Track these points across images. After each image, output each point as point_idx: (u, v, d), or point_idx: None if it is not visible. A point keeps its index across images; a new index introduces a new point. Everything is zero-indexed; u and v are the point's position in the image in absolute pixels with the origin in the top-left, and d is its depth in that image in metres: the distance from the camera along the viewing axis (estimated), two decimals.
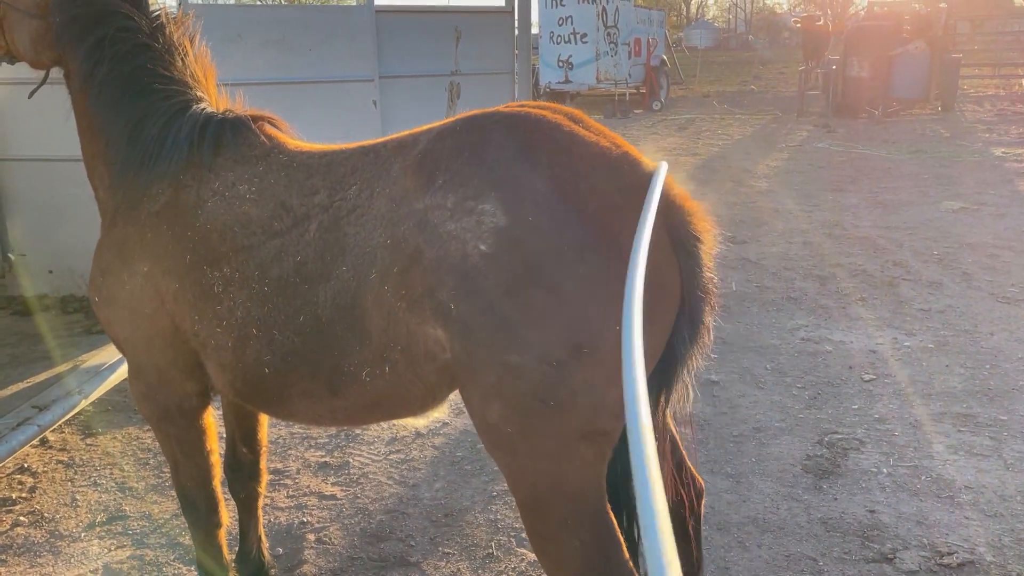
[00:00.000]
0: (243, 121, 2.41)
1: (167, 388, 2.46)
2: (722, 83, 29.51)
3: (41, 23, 2.57)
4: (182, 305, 2.28)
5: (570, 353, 1.80)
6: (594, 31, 20.85)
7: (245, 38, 4.87)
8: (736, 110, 21.23)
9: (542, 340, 1.80)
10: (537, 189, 1.84)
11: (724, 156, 13.87)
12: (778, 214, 9.28)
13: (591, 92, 21.91)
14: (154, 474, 3.93)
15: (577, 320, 1.80)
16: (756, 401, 4.55)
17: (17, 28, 2.63)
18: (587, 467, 1.94)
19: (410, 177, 1.99)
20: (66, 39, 2.51)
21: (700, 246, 1.95)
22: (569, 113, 2.06)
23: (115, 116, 2.47)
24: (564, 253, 1.79)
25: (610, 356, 1.82)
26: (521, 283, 1.80)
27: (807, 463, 3.88)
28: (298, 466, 3.99)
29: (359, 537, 3.41)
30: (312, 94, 5.21)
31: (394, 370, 2.06)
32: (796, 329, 5.65)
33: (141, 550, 3.35)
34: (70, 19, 2.48)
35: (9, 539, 3.42)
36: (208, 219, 2.26)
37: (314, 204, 2.13)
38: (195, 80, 2.55)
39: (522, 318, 1.80)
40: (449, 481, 3.82)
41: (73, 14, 2.48)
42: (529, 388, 1.83)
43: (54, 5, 2.51)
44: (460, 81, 5.78)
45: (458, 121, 2.04)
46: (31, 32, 2.61)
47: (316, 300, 2.09)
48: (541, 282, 1.79)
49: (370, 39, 5.32)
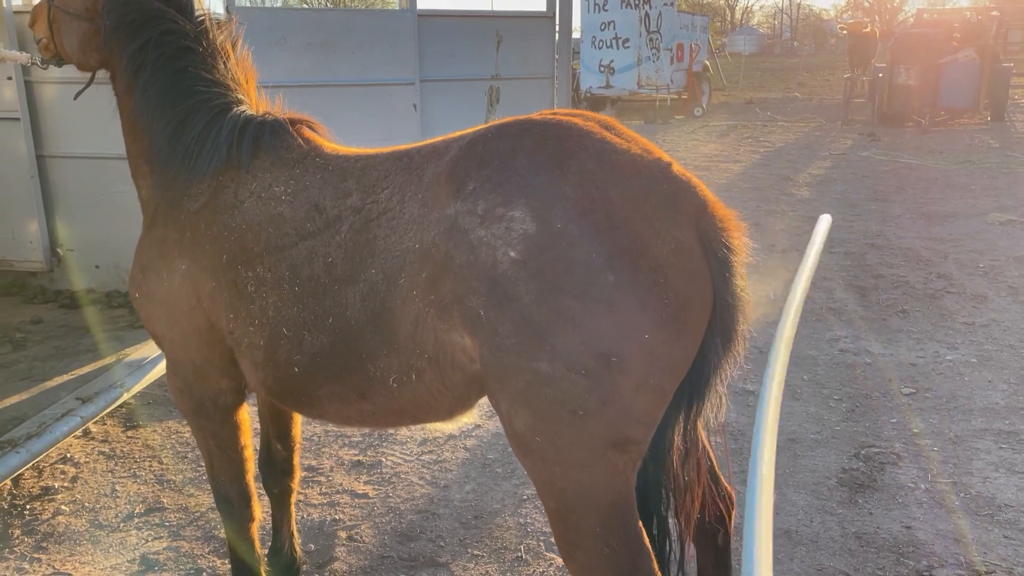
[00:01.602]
0: (281, 124, 2.45)
1: (203, 384, 2.51)
2: (765, 90, 29.21)
3: (90, 26, 2.65)
4: (218, 303, 2.33)
5: (599, 362, 1.80)
6: (636, 36, 20.79)
7: (289, 41, 4.95)
8: (779, 117, 21.00)
9: (571, 348, 1.80)
10: (567, 196, 1.84)
11: (766, 164, 13.73)
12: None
13: (632, 97, 21.83)
14: (191, 468, 4.00)
15: (606, 328, 1.79)
16: (792, 412, 4.49)
17: (66, 31, 2.72)
18: (617, 475, 1.93)
19: (442, 183, 2.01)
20: (113, 42, 2.58)
21: (732, 254, 1.93)
22: (601, 120, 2.06)
23: (158, 117, 2.53)
24: (593, 261, 1.79)
25: (640, 365, 1.82)
26: (550, 290, 1.80)
27: (842, 476, 3.82)
28: (331, 464, 4.04)
29: (390, 536, 3.44)
30: (354, 97, 5.27)
31: (421, 378, 2.07)
32: (835, 340, 5.57)
33: (177, 542, 3.42)
34: (117, 23, 2.55)
35: (51, 527, 3.52)
36: (244, 219, 2.30)
37: (346, 206, 2.16)
38: (236, 83, 2.60)
39: (551, 326, 1.80)
40: (480, 483, 3.84)
41: (120, 18, 2.54)
42: (557, 396, 1.84)
43: (103, 8, 2.58)
44: (500, 85, 5.81)
45: (490, 128, 2.05)
46: (80, 35, 2.69)
47: (345, 302, 2.11)
48: (570, 290, 1.79)
49: (412, 43, 5.37)
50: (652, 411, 1.91)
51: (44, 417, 3.51)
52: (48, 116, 5.04)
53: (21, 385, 3.92)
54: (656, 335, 1.81)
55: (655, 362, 1.84)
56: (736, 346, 2.00)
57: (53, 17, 2.75)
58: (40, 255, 5.17)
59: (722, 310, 1.94)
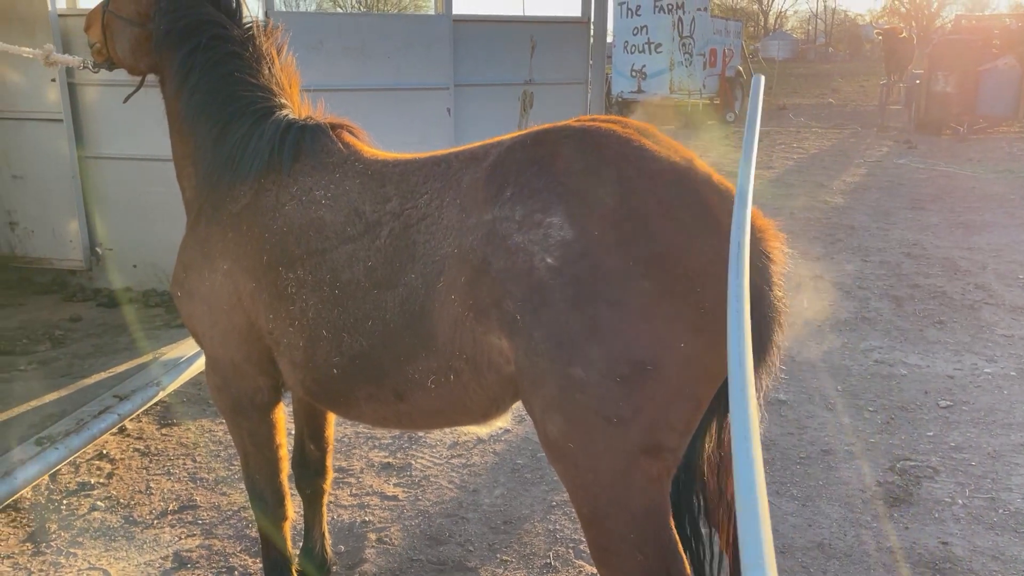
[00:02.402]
0: (322, 128, 2.48)
1: (241, 382, 2.54)
2: (799, 95, 28.93)
3: (142, 31, 2.71)
4: (258, 304, 2.36)
5: (633, 369, 1.79)
6: (669, 41, 20.68)
7: (326, 45, 4.99)
8: (813, 123, 20.79)
9: (605, 355, 1.79)
10: (605, 203, 1.84)
11: (799, 170, 13.59)
12: (853, 231, 9.05)
13: (663, 102, 21.70)
14: (224, 466, 4.05)
15: (641, 336, 1.79)
16: (825, 423, 4.44)
17: (119, 35, 2.79)
18: (651, 483, 1.92)
19: (480, 188, 2.02)
20: (164, 46, 2.64)
21: (770, 264, 1.91)
22: (640, 128, 2.05)
23: (203, 120, 2.58)
24: (630, 268, 1.79)
25: (675, 373, 1.81)
26: (586, 297, 1.80)
27: (877, 489, 3.77)
28: (362, 465, 4.06)
29: (419, 539, 3.45)
30: (389, 101, 5.30)
31: (459, 379, 2.08)
32: (869, 350, 5.49)
33: (209, 540, 3.46)
34: (168, 28, 2.61)
35: (87, 523, 3.57)
36: (285, 222, 2.33)
37: (386, 211, 2.17)
38: (280, 87, 2.64)
39: (586, 332, 1.80)
40: (509, 488, 3.84)
41: (171, 23, 2.60)
42: (591, 403, 1.83)
43: (155, 14, 2.64)
44: (533, 90, 5.81)
45: (529, 134, 2.06)
46: (132, 39, 2.76)
47: (384, 305, 2.12)
48: (606, 297, 1.79)
49: (447, 48, 5.39)
50: (687, 419, 1.90)
51: (82, 414, 3.57)
52: (89, 118, 5.13)
53: (60, 382, 3.98)
54: (691, 344, 1.80)
55: (690, 371, 1.83)
56: (772, 357, 1.98)
57: (107, 22, 2.83)
58: (80, 254, 5.26)
59: (759, 320, 1.92)
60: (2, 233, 5.48)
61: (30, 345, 4.42)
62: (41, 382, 4.00)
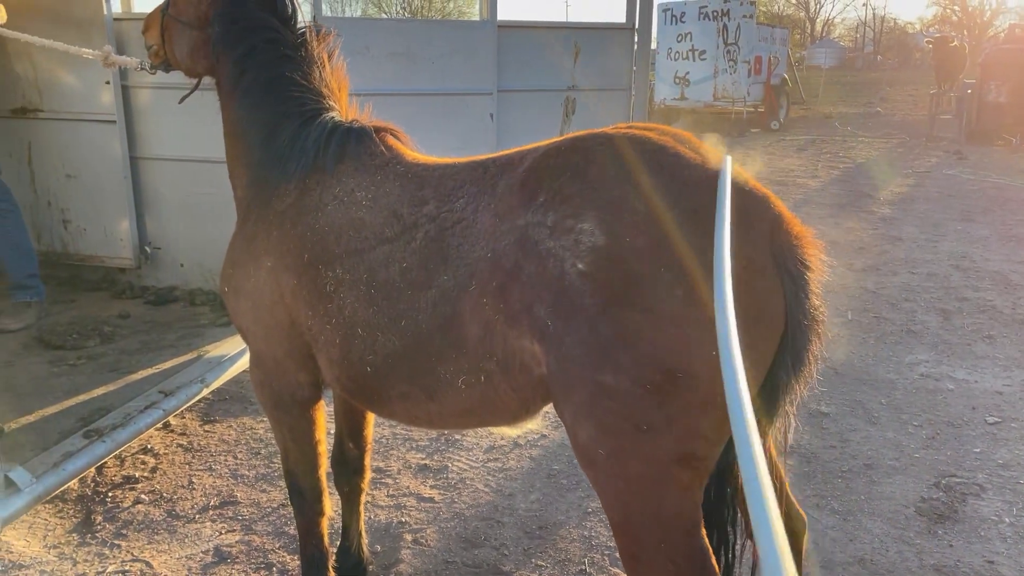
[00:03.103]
0: (367, 131, 2.52)
1: (282, 377, 2.59)
2: (846, 104, 28.50)
3: (200, 34, 2.79)
4: (298, 301, 2.40)
5: (664, 377, 1.79)
6: (713, 48, 20.54)
7: (372, 50, 5.05)
8: (860, 132, 20.46)
9: (636, 362, 1.79)
10: (637, 210, 1.83)
11: (845, 180, 13.38)
12: (900, 242, 8.88)
13: (707, 109, 21.57)
14: (264, 464, 4.10)
15: (672, 344, 1.78)
16: (868, 436, 4.36)
17: (177, 38, 2.88)
18: (683, 491, 1.91)
19: (514, 194, 2.03)
20: (220, 49, 2.71)
21: (807, 273, 1.89)
22: (676, 135, 2.04)
23: (254, 121, 2.65)
24: (661, 275, 1.78)
25: (707, 382, 1.79)
26: (617, 303, 1.80)
27: (921, 506, 3.69)
28: (399, 466, 4.09)
29: (454, 541, 3.46)
30: (432, 106, 5.34)
31: (489, 380, 2.10)
32: (915, 364, 5.38)
33: (249, 536, 3.51)
34: (224, 30, 2.68)
35: (131, 515, 3.65)
36: (326, 222, 2.37)
37: (423, 214, 2.20)
38: (329, 91, 2.69)
39: (616, 339, 1.80)
40: (545, 494, 3.83)
41: (227, 26, 2.68)
42: (621, 410, 1.83)
43: (213, 18, 2.71)
44: (576, 96, 5.81)
45: (564, 141, 2.07)
46: (190, 42, 2.83)
47: (418, 306, 2.15)
48: (637, 303, 1.78)
49: (491, 53, 5.41)
50: (719, 428, 1.89)
51: (129, 408, 3.63)
52: (141, 119, 5.24)
53: (108, 377, 4.07)
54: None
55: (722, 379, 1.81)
56: (807, 367, 1.95)
57: (166, 25, 2.91)
58: (129, 252, 5.37)
59: (794, 330, 1.89)
60: (55, 231, 5.63)
61: (80, 340, 4.53)
62: (90, 376, 4.09)
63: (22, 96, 5.45)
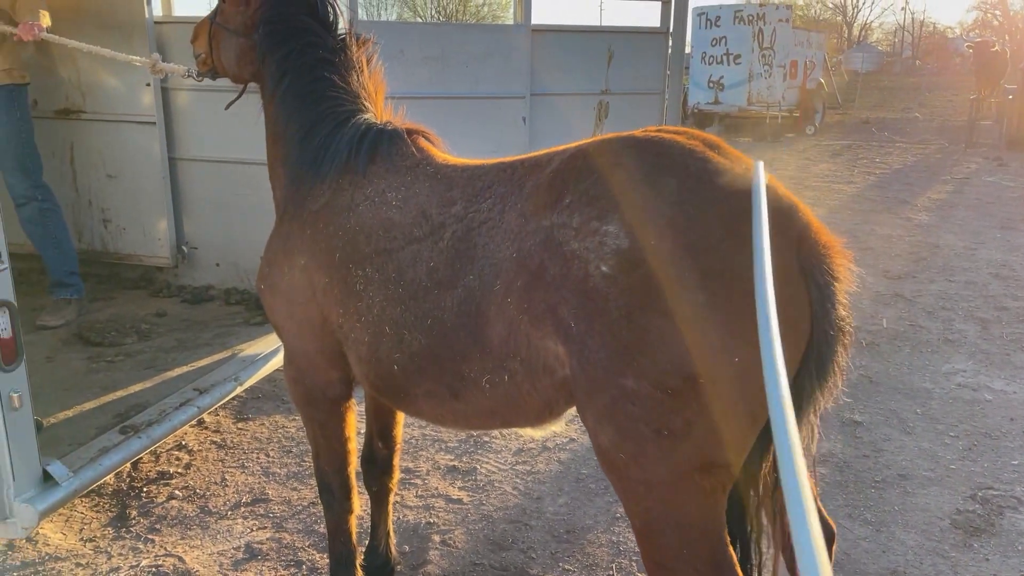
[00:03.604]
0: (399, 133, 2.56)
1: (314, 374, 2.63)
2: (883, 109, 28.11)
3: (246, 41, 2.86)
4: (330, 299, 2.44)
5: (685, 382, 1.78)
6: (748, 52, 20.36)
7: (407, 53, 5.09)
8: (897, 138, 20.17)
9: (657, 366, 1.79)
10: (662, 214, 1.83)
11: (881, 186, 13.20)
12: (938, 250, 8.74)
13: (741, 114, 21.38)
14: (296, 462, 4.15)
15: (695, 349, 1.77)
16: (902, 446, 4.30)
17: (225, 46, 2.95)
18: (705, 498, 1.90)
19: (541, 194, 2.04)
20: (264, 52, 2.78)
21: (834, 283, 1.86)
22: (706, 139, 2.03)
23: (293, 122, 2.70)
24: (685, 280, 1.77)
25: (728, 388, 1.79)
26: (639, 307, 1.80)
27: (957, 518, 3.62)
28: (428, 467, 4.11)
29: (482, 543, 3.47)
30: (465, 109, 5.37)
31: (512, 380, 2.11)
32: (952, 374, 5.29)
33: (280, 533, 3.55)
34: (269, 35, 2.75)
35: (164, 510, 3.71)
36: (357, 222, 2.41)
37: (451, 214, 2.23)
38: (366, 93, 2.74)
39: (638, 342, 1.80)
40: (573, 497, 3.83)
41: (271, 31, 2.74)
42: (642, 414, 1.83)
43: (259, 22, 2.78)
44: (609, 100, 5.80)
45: (592, 143, 2.08)
46: (237, 49, 2.91)
47: (443, 305, 2.17)
48: (659, 308, 1.78)
49: (524, 57, 5.43)
50: (741, 436, 1.87)
51: (164, 405, 3.69)
52: (180, 121, 5.33)
53: (145, 374, 4.14)
54: (748, 359, 1.76)
55: (746, 386, 1.80)
56: (832, 378, 1.93)
57: (213, 33, 3.00)
58: (167, 251, 5.46)
59: (819, 339, 1.88)
60: (96, 230, 5.74)
61: (118, 337, 4.62)
62: (127, 373, 4.17)
63: (65, 97, 5.57)
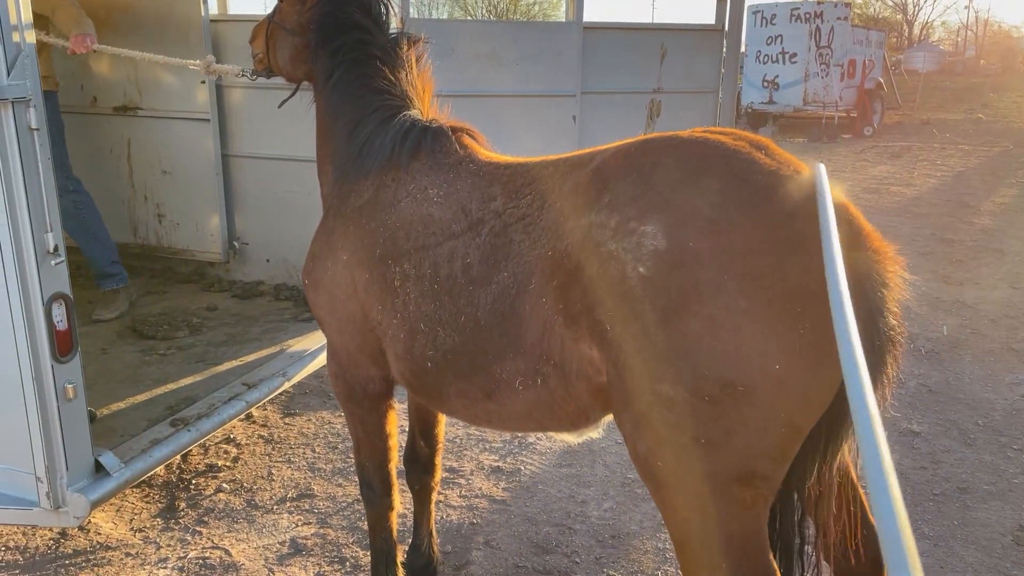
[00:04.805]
0: (443, 130, 2.55)
1: (355, 370, 2.64)
2: (945, 110, 27.32)
3: (300, 40, 2.90)
4: (370, 295, 2.44)
5: (724, 390, 1.72)
6: (805, 51, 19.97)
7: (458, 51, 5.07)
8: (959, 140, 19.57)
9: (695, 373, 1.73)
10: (703, 215, 1.76)
11: (942, 189, 12.81)
12: (1002, 255, 8.44)
13: (796, 114, 20.99)
14: (341, 458, 4.16)
15: (734, 355, 1.70)
16: (962, 459, 4.14)
17: (281, 45, 3.00)
18: (745, 510, 1.84)
19: (580, 193, 2.01)
20: (316, 49, 2.80)
21: (884, 290, 1.76)
22: (753, 140, 1.95)
23: (340, 118, 2.72)
24: (725, 283, 1.71)
25: (769, 397, 1.72)
26: (677, 310, 1.74)
27: (1020, 534, 3.48)
28: (472, 467, 4.08)
29: (525, 546, 3.44)
30: (515, 107, 5.33)
31: (546, 383, 2.08)
32: (1016, 384, 5.09)
33: (324, 529, 3.56)
34: (320, 30, 2.77)
35: (212, 503, 3.75)
36: (398, 218, 2.41)
37: (489, 210, 2.21)
38: (414, 91, 2.74)
39: (676, 347, 1.75)
40: (618, 502, 3.77)
41: (323, 26, 2.76)
42: (680, 421, 1.78)
43: (313, 20, 2.80)
44: (661, 99, 5.71)
45: (634, 142, 2.03)
46: (292, 48, 2.95)
47: (477, 302, 2.15)
48: (698, 311, 1.72)
49: (575, 55, 5.37)
50: (783, 446, 1.80)
51: (213, 399, 3.74)
52: (233, 118, 5.40)
53: (195, 367, 4.20)
54: (789, 367, 1.69)
55: (787, 395, 1.73)
56: (881, 390, 1.83)
57: (271, 32, 3.04)
58: (219, 247, 5.54)
59: (867, 349, 1.79)
60: (151, 225, 5.85)
61: (170, 331, 4.69)
62: (178, 366, 4.23)
63: (123, 94, 5.68)
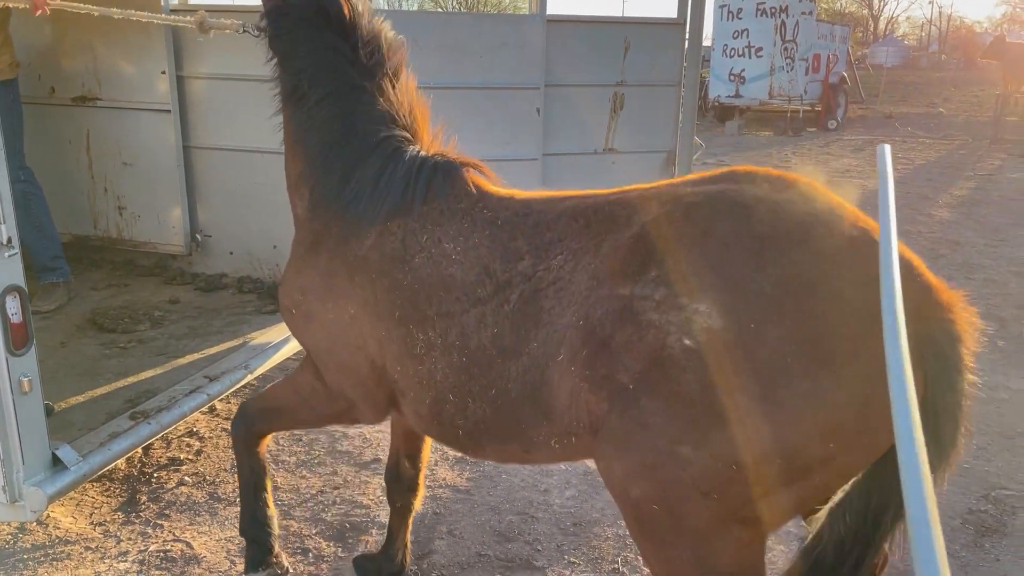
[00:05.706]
0: (452, 168, 2.37)
1: (337, 403, 2.57)
2: (907, 104, 27.76)
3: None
4: (386, 355, 2.34)
5: (755, 460, 1.69)
6: (771, 45, 20.19)
7: (420, 43, 5.06)
8: (920, 133, 19.92)
9: (730, 443, 1.70)
10: (763, 293, 1.70)
11: (903, 182, 13.04)
12: (958, 247, 8.63)
13: (762, 108, 21.23)
14: (304, 450, 4.16)
15: (787, 434, 1.67)
16: None
17: None
18: (742, 549, 1.85)
19: (619, 260, 1.92)
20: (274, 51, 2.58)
21: (958, 348, 1.70)
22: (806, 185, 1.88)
23: (311, 143, 2.52)
24: (789, 366, 1.66)
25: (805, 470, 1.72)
26: (728, 386, 1.69)
27: (968, 517, 3.58)
28: (436, 457, 4.11)
29: (488, 534, 3.47)
30: (478, 100, 5.33)
31: (580, 441, 2.06)
32: None
33: (287, 520, 3.56)
34: (272, 25, 2.55)
35: (174, 496, 3.73)
36: (415, 278, 2.26)
37: (517, 271, 2.10)
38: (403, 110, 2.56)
39: (712, 418, 1.71)
40: (580, 491, 3.82)
41: (276, 23, 2.54)
42: (690, 478, 1.77)
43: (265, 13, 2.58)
44: (625, 92, 5.75)
45: (679, 205, 1.90)
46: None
47: (507, 375, 2.08)
48: (751, 390, 1.68)
49: (539, 48, 5.39)
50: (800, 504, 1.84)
51: (174, 392, 3.71)
52: (194, 109, 5.34)
53: (156, 360, 4.17)
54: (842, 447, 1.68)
55: (828, 470, 1.75)
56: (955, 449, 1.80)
57: None
58: (181, 239, 5.49)
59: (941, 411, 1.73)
60: (111, 217, 5.77)
61: (131, 324, 4.65)
62: (139, 360, 4.19)
63: (82, 85, 5.60)
